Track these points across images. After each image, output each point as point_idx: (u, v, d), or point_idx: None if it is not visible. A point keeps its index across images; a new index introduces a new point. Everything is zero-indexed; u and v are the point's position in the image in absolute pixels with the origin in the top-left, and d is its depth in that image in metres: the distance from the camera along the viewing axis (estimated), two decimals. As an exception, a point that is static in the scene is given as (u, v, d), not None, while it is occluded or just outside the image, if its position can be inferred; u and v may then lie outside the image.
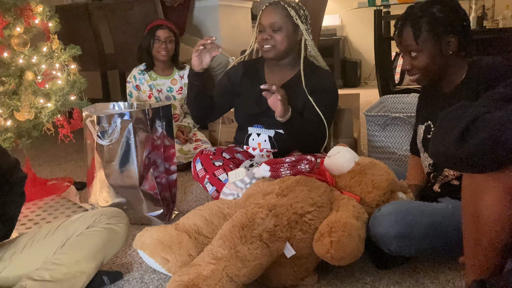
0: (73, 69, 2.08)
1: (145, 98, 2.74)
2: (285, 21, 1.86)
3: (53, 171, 2.79)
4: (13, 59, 1.89)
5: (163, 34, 2.65)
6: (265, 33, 1.86)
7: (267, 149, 1.96)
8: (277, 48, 1.87)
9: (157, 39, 2.66)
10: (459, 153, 0.95)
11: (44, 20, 2.01)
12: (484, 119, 0.93)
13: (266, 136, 1.95)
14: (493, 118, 0.92)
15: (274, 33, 1.85)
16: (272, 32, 1.85)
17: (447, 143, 0.97)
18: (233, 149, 2.01)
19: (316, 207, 1.31)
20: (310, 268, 1.35)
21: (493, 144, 0.90)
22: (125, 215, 1.46)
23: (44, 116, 1.90)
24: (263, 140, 1.96)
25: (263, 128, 1.95)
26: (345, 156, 1.49)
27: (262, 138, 1.96)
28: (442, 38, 1.39)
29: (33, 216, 1.96)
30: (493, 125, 0.90)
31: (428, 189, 1.57)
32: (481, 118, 0.93)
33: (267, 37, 1.85)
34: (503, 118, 0.90)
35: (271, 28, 1.85)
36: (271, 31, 1.85)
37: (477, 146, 0.91)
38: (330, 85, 1.95)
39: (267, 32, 1.86)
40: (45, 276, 1.26)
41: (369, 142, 2.35)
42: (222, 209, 1.43)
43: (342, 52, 5.70)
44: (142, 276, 1.50)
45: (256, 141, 1.97)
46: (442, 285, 1.34)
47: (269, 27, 1.85)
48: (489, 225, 0.98)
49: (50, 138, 2.22)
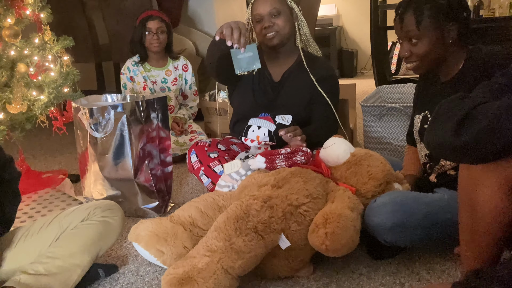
0: (66, 60, 2.05)
1: (139, 89, 2.72)
2: (282, 5, 1.85)
3: (48, 164, 2.77)
4: (5, 50, 1.86)
5: (154, 25, 2.62)
6: (265, 21, 1.84)
7: (265, 142, 1.94)
8: (281, 33, 1.85)
9: (148, 30, 2.63)
10: (456, 143, 0.94)
11: (36, 11, 1.98)
12: (482, 109, 0.92)
13: (266, 130, 1.93)
14: (490, 107, 0.91)
15: (274, 19, 1.84)
16: (273, 18, 1.84)
17: (443, 133, 0.96)
18: (228, 140, 2.00)
19: (311, 199, 1.31)
20: (305, 260, 1.35)
21: (491, 134, 0.89)
22: (119, 207, 1.45)
23: (37, 109, 1.88)
24: (263, 134, 1.94)
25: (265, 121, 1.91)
26: (341, 147, 1.48)
27: (262, 132, 1.93)
28: (443, 25, 1.37)
29: (28, 210, 1.95)
30: (491, 115, 0.89)
31: (425, 180, 1.56)
32: (478, 108, 0.92)
33: (269, 24, 1.83)
34: (500, 108, 0.89)
35: (271, 15, 1.83)
36: (271, 18, 1.84)
37: (475, 136, 0.91)
38: (332, 72, 1.97)
39: (267, 20, 1.84)
40: (39, 269, 1.25)
41: (365, 132, 2.34)
42: (217, 201, 1.43)
43: (339, 42, 5.67)
44: (138, 268, 1.50)
45: (255, 133, 1.95)
46: (438, 275, 1.35)
47: (268, 14, 1.83)
48: (485, 216, 0.98)
49: (44, 130, 2.21)
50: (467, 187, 1.01)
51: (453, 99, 1.00)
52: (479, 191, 0.97)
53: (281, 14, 1.84)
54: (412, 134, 1.67)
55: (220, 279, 1.15)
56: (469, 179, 1.00)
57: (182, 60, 2.81)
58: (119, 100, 2.02)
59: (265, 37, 1.86)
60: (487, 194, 0.96)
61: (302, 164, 1.45)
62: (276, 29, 1.84)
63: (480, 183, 0.97)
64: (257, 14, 1.85)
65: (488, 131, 0.89)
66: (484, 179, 0.96)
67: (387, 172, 1.43)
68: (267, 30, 1.84)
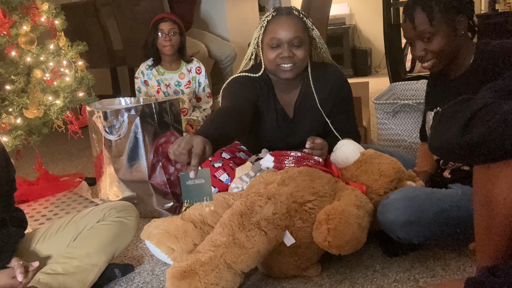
0: (80, 65, 2.09)
1: (153, 93, 2.75)
2: (304, 34, 1.62)
3: (65, 168, 2.83)
4: (21, 57, 1.91)
5: (166, 26, 2.64)
6: (284, 51, 1.58)
7: None
8: (298, 66, 1.61)
9: (161, 32, 2.65)
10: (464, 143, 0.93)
11: (50, 17, 2.02)
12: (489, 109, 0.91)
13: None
14: (498, 108, 0.90)
15: (295, 50, 1.59)
16: (293, 48, 1.59)
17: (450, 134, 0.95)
18: (236, 148, 1.90)
19: (318, 197, 1.30)
20: (312, 259, 1.35)
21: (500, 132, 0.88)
22: (134, 208, 1.47)
23: (53, 113, 1.93)
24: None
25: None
26: (350, 148, 1.48)
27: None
28: (454, 17, 1.37)
29: (46, 212, 1.99)
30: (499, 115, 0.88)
31: (439, 176, 1.55)
32: (486, 108, 0.91)
33: (288, 54, 1.58)
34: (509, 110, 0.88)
35: (291, 44, 1.59)
36: (291, 48, 1.59)
37: (483, 134, 0.89)
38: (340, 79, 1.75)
39: (286, 49, 1.58)
40: (57, 269, 1.28)
41: (378, 130, 2.33)
42: (227, 199, 1.44)
43: (352, 41, 5.64)
44: (153, 268, 1.52)
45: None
46: (453, 271, 1.33)
47: (289, 43, 1.58)
48: (501, 212, 0.96)
49: (61, 135, 2.25)
50: (482, 183, 1.00)
51: (458, 102, 0.99)
52: (494, 187, 0.96)
53: (302, 45, 1.60)
54: (424, 131, 1.66)
55: (222, 273, 1.16)
56: (484, 174, 0.99)
57: (195, 63, 2.83)
58: (133, 103, 2.05)
59: (279, 68, 1.62)
60: (503, 189, 0.95)
61: (311, 165, 1.45)
62: (295, 61, 1.60)
63: (496, 179, 0.96)
64: (275, 39, 1.59)
65: (497, 129, 0.88)
66: (500, 175, 0.95)
67: (398, 169, 1.42)
68: (284, 60, 1.59)
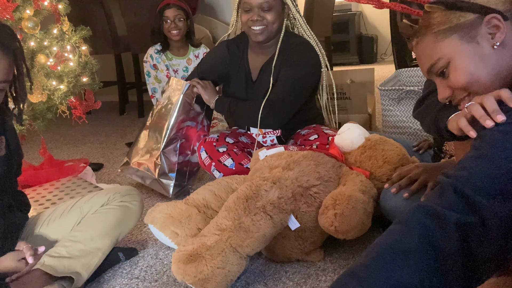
0: (84, 50, 2.08)
1: (163, 77, 2.74)
2: (275, 0, 1.73)
3: (70, 153, 2.84)
4: (25, 42, 1.90)
5: (171, 13, 2.61)
6: (253, 14, 1.72)
7: (269, 132, 1.91)
8: (268, 29, 1.74)
9: (166, 19, 2.62)
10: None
11: (54, 2, 2.00)
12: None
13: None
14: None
15: (264, 13, 1.72)
16: (262, 12, 1.72)
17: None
18: (236, 132, 1.98)
19: (323, 181, 1.30)
20: (316, 243, 1.35)
21: None
22: (138, 193, 1.48)
23: (57, 98, 1.92)
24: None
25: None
26: (355, 132, 1.47)
27: None
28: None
29: (51, 196, 2.00)
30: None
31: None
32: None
33: (257, 18, 1.71)
34: None
35: (261, 8, 1.71)
36: (260, 11, 1.72)
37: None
38: (306, 58, 1.81)
39: (256, 12, 1.72)
40: (62, 252, 1.29)
41: (383, 117, 2.31)
42: (231, 184, 1.44)
43: (358, 27, 5.59)
44: (157, 252, 1.53)
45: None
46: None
47: (258, 6, 1.71)
48: None
49: (66, 121, 2.25)
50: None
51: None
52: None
53: (272, 9, 1.72)
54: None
55: (228, 257, 1.17)
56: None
57: (202, 48, 2.81)
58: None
59: (250, 30, 1.75)
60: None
61: (315, 149, 1.45)
62: (265, 24, 1.73)
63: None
64: (246, 3, 1.72)
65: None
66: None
67: (402, 156, 1.42)
68: (253, 23, 1.72)
